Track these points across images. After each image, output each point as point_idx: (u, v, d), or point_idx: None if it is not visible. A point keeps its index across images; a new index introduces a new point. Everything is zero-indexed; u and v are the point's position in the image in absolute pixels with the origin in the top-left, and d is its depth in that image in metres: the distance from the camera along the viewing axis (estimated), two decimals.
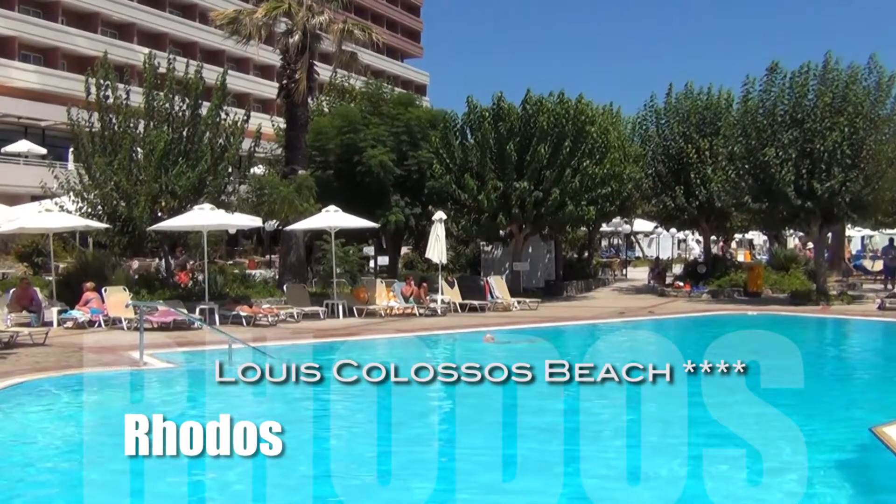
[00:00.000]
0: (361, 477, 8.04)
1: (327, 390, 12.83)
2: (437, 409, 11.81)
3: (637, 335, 21.38)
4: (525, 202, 25.66)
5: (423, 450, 9.14)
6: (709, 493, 7.25)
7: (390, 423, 9.45)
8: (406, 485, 7.71)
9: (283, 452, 5.12)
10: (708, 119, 29.91)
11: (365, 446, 9.24)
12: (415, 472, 8.09)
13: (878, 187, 24.39)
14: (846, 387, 13.59)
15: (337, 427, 10.23)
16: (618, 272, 41.25)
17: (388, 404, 9.41)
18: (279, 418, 10.90)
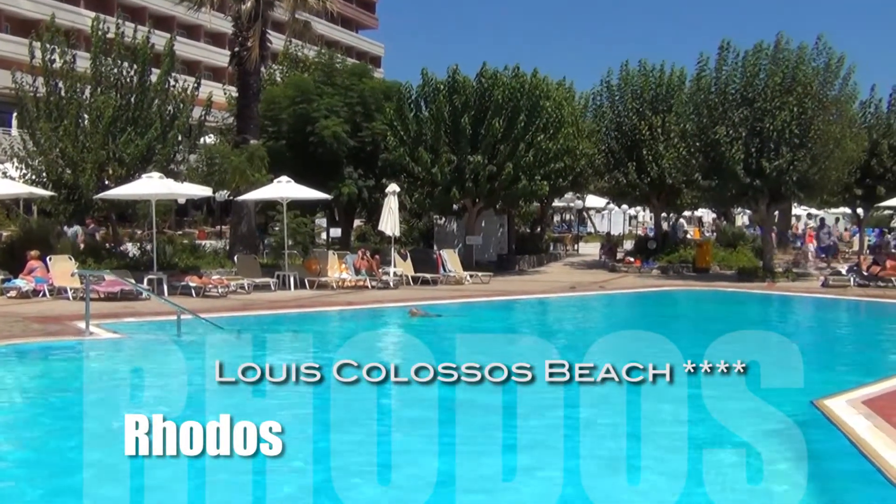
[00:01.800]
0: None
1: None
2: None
3: (586, 309, 21.64)
4: (479, 176, 25.66)
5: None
6: (648, 464, 7.35)
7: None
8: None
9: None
10: (661, 96, 30.14)
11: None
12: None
13: (825, 167, 24.82)
14: (786, 359, 13.86)
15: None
16: (570, 247, 41.58)
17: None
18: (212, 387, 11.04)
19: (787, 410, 9.17)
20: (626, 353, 14.43)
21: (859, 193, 30.81)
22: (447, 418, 8.55)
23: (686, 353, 14.15)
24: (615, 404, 10.05)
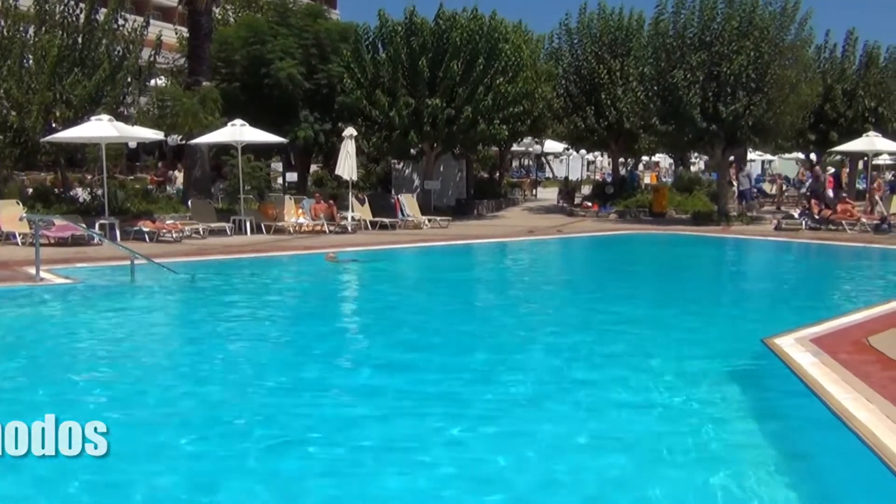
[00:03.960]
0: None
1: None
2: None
3: (542, 252, 21.79)
4: (437, 120, 25.46)
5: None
6: (603, 403, 7.47)
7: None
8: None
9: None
10: (620, 40, 30.06)
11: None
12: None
13: (780, 112, 25.02)
14: (740, 301, 14.12)
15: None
16: (528, 192, 41.67)
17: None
18: (167, 332, 10.99)
19: (738, 348, 9.37)
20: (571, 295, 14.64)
21: (813, 139, 31.24)
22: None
23: (641, 293, 14.45)
24: (566, 340, 10.26)
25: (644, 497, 5.43)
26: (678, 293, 14.23)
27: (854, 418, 6.13)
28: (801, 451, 6.36)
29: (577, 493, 5.52)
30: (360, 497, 5.41)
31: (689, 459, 6.01)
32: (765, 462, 5.92)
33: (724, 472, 5.75)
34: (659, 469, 5.87)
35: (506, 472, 5.83)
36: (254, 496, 5.38)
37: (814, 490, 5.51)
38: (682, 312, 12.01)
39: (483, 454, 6.13)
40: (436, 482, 5.65)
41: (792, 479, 5.58)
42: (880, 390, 6.77)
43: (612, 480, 5.71)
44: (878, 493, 5.31)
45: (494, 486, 5.57)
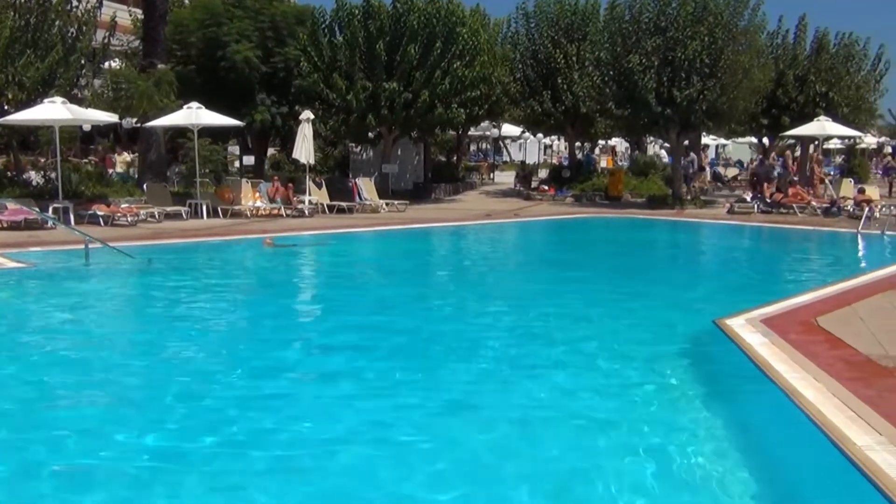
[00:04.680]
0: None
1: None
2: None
3: (499, 235, 21.95)
4: (394, 103, 25.43)
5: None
6: (556, 381, 7.63)
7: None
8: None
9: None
10: (576, 24, 30.25)
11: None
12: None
13: (733, 96, 25.41)
14: (692, 281, 14.40)
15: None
16: (485, 176, 41.82)
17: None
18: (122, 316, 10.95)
19: (690, 329, 9.59)
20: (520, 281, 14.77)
21: (765, 123, 31.75)
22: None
23: (595, 275, 14.66)
24: (520, 321, 10.42)
25: (594, 472, 5.58)
26: (632, 275, 14.48)
27: (802, 396, 6.35)
28: (750, 428, 6.55)
29: (533, 467, 5.66)
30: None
31: (640, 439, 6.16)
32: (714, 440, 6.11)
33: (673, 449, 5.93)
34: (608, 446, 6.02)
35: (481, 453, 5.96)
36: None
37: (762, 466, 5.69)
38: (636, 294, 12.23)
39: (443, 430, 6.26)
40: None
41: (741, 456, 5.76)
42: (827, 369, 7.00)
43: (561, 459, 5.83)
44: (824, 469, 5.51)
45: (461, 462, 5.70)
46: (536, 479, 5.47)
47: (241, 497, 5.14)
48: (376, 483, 5.41)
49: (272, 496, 5.15)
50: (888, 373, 6.95)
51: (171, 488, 5.21)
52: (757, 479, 5.39)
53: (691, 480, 5.50)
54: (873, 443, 5.32)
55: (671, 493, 5.32)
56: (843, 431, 5.55)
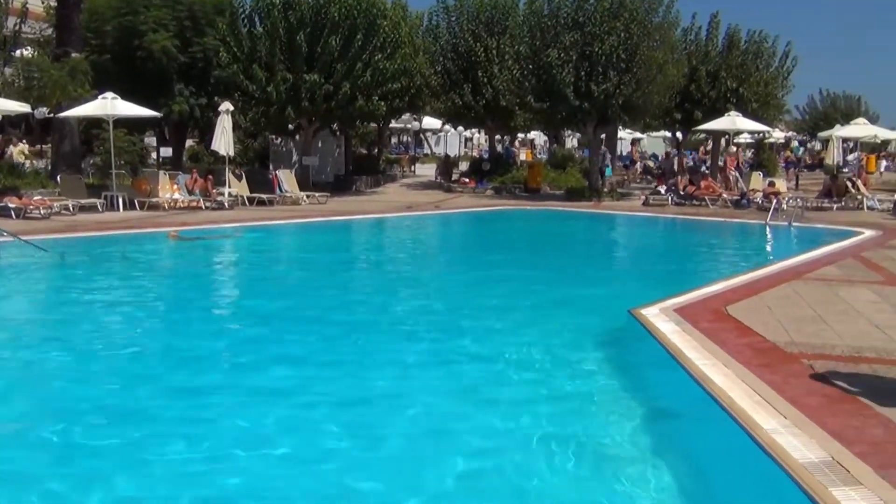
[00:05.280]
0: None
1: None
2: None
3: (420, 227, 22.03)
4: (315, 95, 25.26)
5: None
6: (472, 371, 7.77)
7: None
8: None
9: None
10: (496, 18, 30.49)
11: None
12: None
13: (648, 91, 26.02)
14: (609, 272, 14.75)
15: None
16: (406, 168, 41.83)
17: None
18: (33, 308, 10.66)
19: (606, 318, 9.83)
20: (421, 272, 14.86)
21: (679, 117, 32.53)
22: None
23: (513, 266, 14.87)
24: (438, 313, 10.54)
25: (506, 461, 5.72)
26: (550, 266, 14.74)
27: (712, 382, 6.58)
28: (662, 413, 6.79)
29: (450, 460, 5.75)
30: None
31: (555, 427, 6.33)
32: (628, 426, 6.31)
33: (587, 437, 6.13)
34: (521, 435, 6.18)
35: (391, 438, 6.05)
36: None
37: (674, 450, 5.91)
38: (553, 285, 12.47)
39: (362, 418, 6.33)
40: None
41: (654, 441, 5.98)
42: (736, 356, 7.28)
43: (476, 448, 5.95)
44: (733, 452, 5.73)
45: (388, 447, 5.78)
46: (453, 474, 5.56)
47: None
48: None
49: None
50: (793, 359, 7.26)
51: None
52: (669, 463, 5.58)
53: (605, 466, 5.67)
54: (779, 426, 5.56)
55: (584, 479, 5.49)
56: (750, 416, 5.78)
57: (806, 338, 7.99)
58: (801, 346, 7.65)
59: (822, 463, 4.94)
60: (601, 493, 5.29)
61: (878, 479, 4.70)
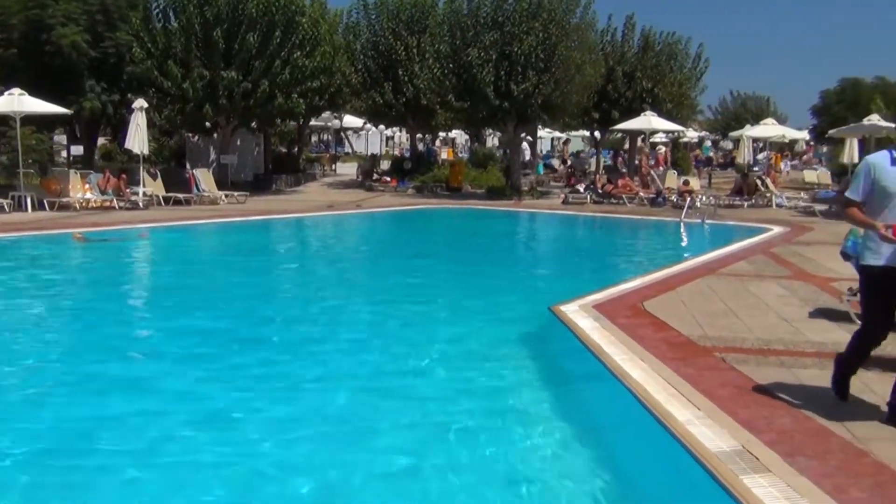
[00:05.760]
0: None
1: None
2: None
3: (340, 226, 21.88)
4: (233, 93, 24.85)
5: None
6: (393, 370, 7.77)
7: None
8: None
9: None
10: (416, 17, 30.48)
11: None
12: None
13: (567, 91, 26.38)
14: (530, 270, 14.89)
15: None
16: (327, 167, 41.54)
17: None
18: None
19: (526, 316, 9.92)
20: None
21: (597, 117, 33.07)
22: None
23: (434, 265, 14.88)
24: (359, 311, 10.49)
25: (425, 456, 5.73)
26: (470, 265, 14.81)
27: (629, 376, 6.70)
28: (582, 408, 6.88)
29: (368, 457, 5.74)
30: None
31: (476, 422, 6.37)
32: (549, 421, 6.38)
33: (508, 431, 6.18)
34: (443, 431, 6.18)
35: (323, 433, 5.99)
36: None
37: (593, 443, 5.96)
38: (475, 283, 12.53)
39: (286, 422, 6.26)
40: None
41: (573, 435, 6.06)
42: (652, 350, 7.43)
43: (398, 448, 5.94)
44: (650, 443, 5.83)
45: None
46: (370, 472, 5.54)
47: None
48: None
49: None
50: (706, 352, 7.45)
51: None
52: (587, 456, 5.66)
53: (526, 458, 5.73)
54: (693, 417, 5.70)
55: (503, 472, 5.54)
56: (665, 408, 5.90)
57: (718, 331, 8.21)
58: (713, 340, 7.85)
59: (733, 452, 5.07)
60: (521, 487, 5.32)
61: (785, 465, 4.85)
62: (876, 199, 5.55)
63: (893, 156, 5.55)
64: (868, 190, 5.56)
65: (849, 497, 4.44)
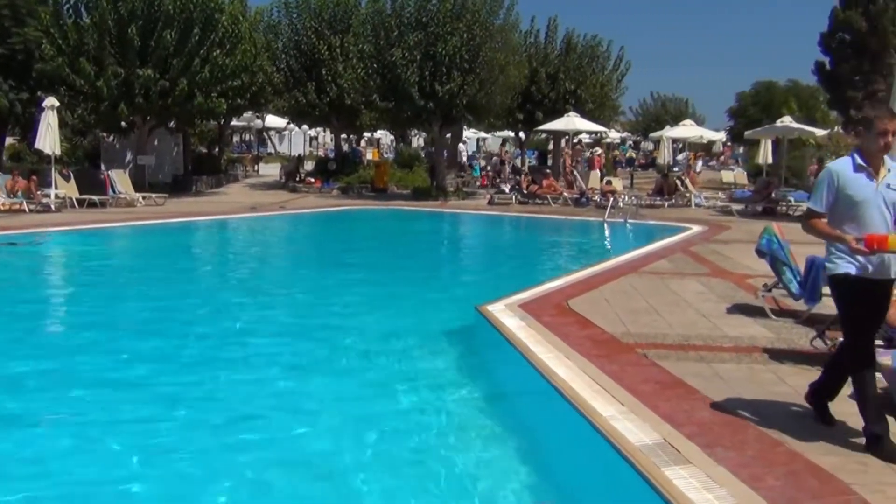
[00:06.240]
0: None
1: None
2: None
3: (263, 228, 21.52)
4: (150, 91, 24.20)
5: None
6: (319, 370, 7.64)
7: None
8: None
9: None
10: (339, 16, 30.20)
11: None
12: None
13: (491, 91, 26.48)
14: (456, 270, 14.86)
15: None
16: (250, 168, 40.94)
17: None
18: None
19: (454, 315, 9.87)
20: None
21: (521, 118, 33.32)
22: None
23: (360, 266, 14.73)
24: (281, 313, 10.29)
25: (351, 455, 5.63)
26: (397, 266, 14.71)
27: (554, 374, 6.68)
28: (509, 406, 6.85)
29: (296, 456, 5.59)
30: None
31: (403, 422, 6.33)
32: (476, 419, 6.35)
33: (434, 428, 6.15)
34: (372, 431, 6.13)
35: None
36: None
37: (520, 441, 5.97)
38: (402, 283, 12.44)
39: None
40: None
41: (501, 433, 6.05)
42: (577, 348, 7.44)
43: (319, 450, 5.85)
44: (576, 439, 5.83)
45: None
46: (296, 473, 5.43)
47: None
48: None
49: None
50: (629, 348, 7.51)
51: None
52: (514, 453, 5.67)
53: (453, 456, 5.68)
54: (616, 413, 5.72)
55: (431, 467, 5.50)
56: (590, 404, 5.91)
57: (641, 328, 8.28)
58: (636, 337, 7.91)
59: (655, 445, 5.12)
60: (448, 483, 5.31)
61: (705, 457, 4.93)
62: (841, 209, 5.18)
63: (856, 162, 5.19)
64: (832, 200, 5.19)
65: (765, 485, 4.53)
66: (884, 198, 5.11)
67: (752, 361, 7.12)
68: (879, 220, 5.10)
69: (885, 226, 5.09)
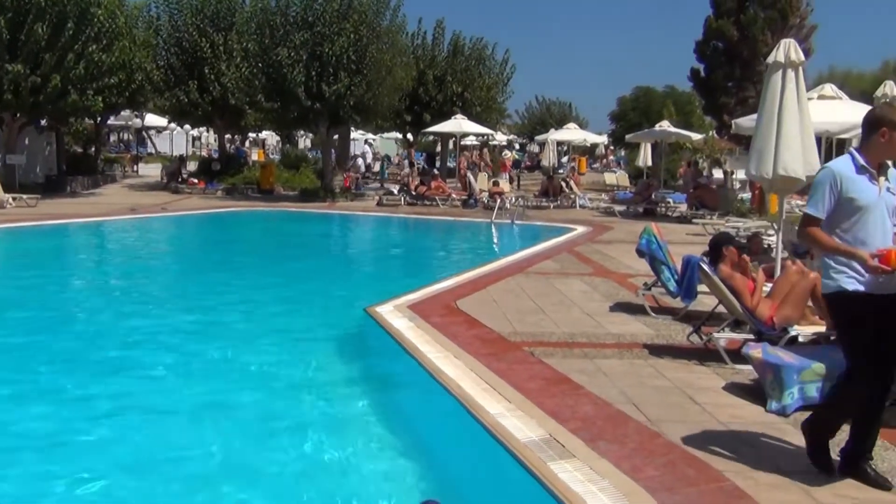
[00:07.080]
0: None
1: None
2: None
3: (143, 231, 20.85)
4: (20, 87, 23.06)
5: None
6: (209, 374, 7.48)
7: None
8: None
9: None
10: (222, 13, 29.54)
11: None
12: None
13: (378, 93, 26.43)
14: (345, 272, 14.77)
15: None
16: (129, 168, 39.66)
17: None
18: None
19: (342, 318, 9.82)
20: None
21: (409, 119, 33.45)
22: None
23: (246, 269, 14.46)
24: (167, 319, 10.01)
25: (243, 458, 5.56)
26: (283, 268, 14.51)
27: (443, 373, 6.75)
28: (398, 406, 6.85)
29: (192, 453, 5.48)
30: None
31: (291, 423, 6.26)
32: (364, 420, 6.34)
33: (322, 429, 6.10)
34: (260, 433, 6.08)
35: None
36: None
37: (409, 440, 5.97)
38: (289, 285, 12.29)
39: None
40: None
41: (389, 433, 6.04)
42: (466, 347, 7.54)
43: (209, 455, 5.73)
44: (465, 437, 5.90)
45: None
46: (191, 474, 5.31)
47: None
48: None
49: None
50: (516, 347, 7.65)
51: None
52: (403, 453, 5.66)
53: (342, 457, 5.65)
54: (504, 410, 5.81)
55: (319, 469, 5.48)
56: (478, 402, 6.00)
57: (527, 327, 8.45)
58: (523, 336, 8.07)
59: (541, 440, 5.24)
60: (338, 482, 5.29)
61: (588, 450, 5.08)
62: (841, 214, 4.60)
63: (857, 162, 4.64)
64: (833, 204, 4.59)
65: (645, 475, 4.71)
66: (885, 203, 4.65)
67: (633, 357, 7.37)
68: (879, 227, 4.61)
69: (882, 234, 4.60)
